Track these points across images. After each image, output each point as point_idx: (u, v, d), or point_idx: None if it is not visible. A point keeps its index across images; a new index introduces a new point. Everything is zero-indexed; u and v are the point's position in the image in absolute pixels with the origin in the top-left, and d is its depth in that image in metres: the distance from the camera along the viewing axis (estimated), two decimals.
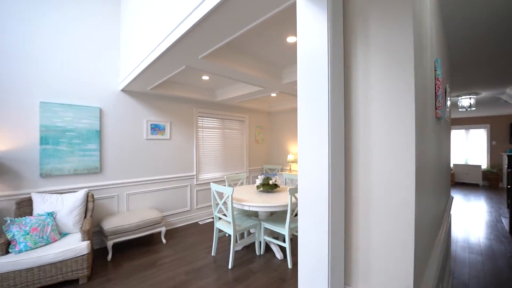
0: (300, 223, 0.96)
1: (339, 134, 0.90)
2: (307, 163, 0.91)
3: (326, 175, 0.84)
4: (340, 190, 0.91)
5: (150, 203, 3.83)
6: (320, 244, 0.87)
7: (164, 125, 3.95)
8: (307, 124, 0.91)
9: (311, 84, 0.90)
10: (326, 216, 0.85)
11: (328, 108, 0.85)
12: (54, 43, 2.95)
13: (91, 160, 3.19)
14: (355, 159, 0.93)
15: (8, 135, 2.69)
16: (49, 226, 2.54)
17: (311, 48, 0.90)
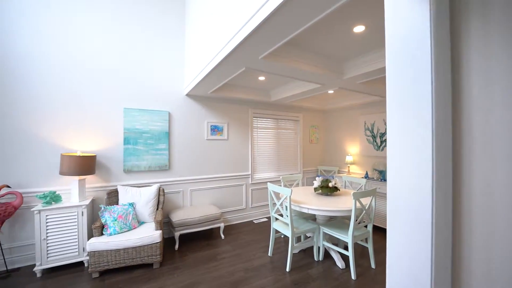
0: (389, 236, 0.83)
1: (444, 130, 0.74)
2: (400, 164, 0.78)
3: (429, 179, 0.70)
4: (446, 198, 0.74)
5: (210, 200, 4.07)
6: (419, 264, 0.72)
7: (222, 126, 4.15)
8: (402, 120, 0.78)
9: (405, 73, 0.76)
10: (427, 230, 0.70)
11: (431, 100, 0.70)
12: (132, 56, 3.41)
13: (161, 159, 3.58)
14: (467, 160, 0.74)
15: (102, 137, 3.23)
16: (130, 214, 2.94)
17: (407, 29, 0.76)
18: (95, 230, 2.67)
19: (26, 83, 2.84)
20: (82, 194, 2.90)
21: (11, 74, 2.78)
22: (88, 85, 3.15)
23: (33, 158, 2.88)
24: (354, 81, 3.14)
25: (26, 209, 2.81)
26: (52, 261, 2.66)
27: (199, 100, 3.95)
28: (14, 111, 2.80)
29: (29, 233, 2.86)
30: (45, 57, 2.92)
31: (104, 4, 3.22)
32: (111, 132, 3.28)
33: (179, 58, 3.75)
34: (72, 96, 3.06)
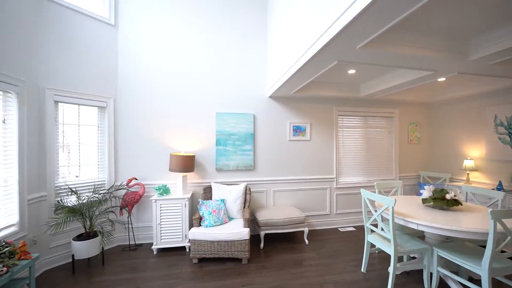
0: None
1: None
2: None
3: None
4: None
5: (292, 202, 3.99)
6: None
7: (304, 126, 4.01)
8: None
9: None
10: None
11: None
12: (221, 64, 3.72)
13: (247, 159, 3.75)
14: None
15: (200, 139, 3.66)
16: (222, 210, 3.20)
17: None
18: (194, 221, 3.03)
19: (148, 97, 3.53)
20: (185, 188, 3.36)
21: (138, 92, 3.51)
22: (189, 94, 3.63)
23: (151, 157, 3.54)
24: (485, 62, 2.38)
25: (146, 198, 3.49)
26: (164, 242, 3.19)
27: (281, 101, 3.94)
28: (139, 120, 3.52)
29: (148, 217, 3.53)
30: (155, 73, 3.56)
31: (200, 24, 3.65)
32: (206, 134, 3.68)
33: (261, 62, 3.85)
34: (177, 104, 3.60)
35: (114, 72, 3.42)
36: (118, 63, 3.45)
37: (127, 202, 3.23)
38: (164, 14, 3.56)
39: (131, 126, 3.50)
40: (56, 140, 2.91)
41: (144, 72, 3.53)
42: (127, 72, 3.48)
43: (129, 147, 3.49)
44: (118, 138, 3.46)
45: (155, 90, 3.55)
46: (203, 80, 3.67)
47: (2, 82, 2.30)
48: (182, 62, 3.62)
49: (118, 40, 3.45)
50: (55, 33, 2.84)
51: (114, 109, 3.41)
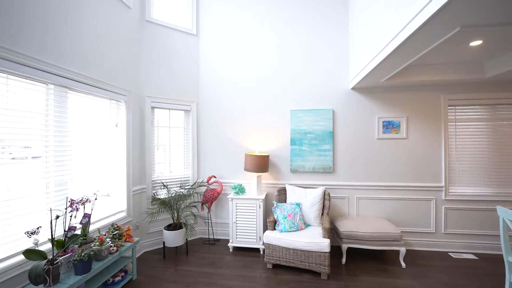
0: None
1: None
2: None
3: None
4: None
5: (381, 213, 3.32)
6: None
7: (398, 122, 3.27)
8: None
9: None
10: None
11: None
12: (295, 58, 3.46)
13: (325, 160, 3.36)
14: None
15: (273, 138, 3.53)
16: (298, 215, 2.94)
17: None
18: (269, 224, 2.89)
19: (224, 99, 3.67)
20: (259, 189, 3.29)
21: (216, 95, 3.69)
22: (262, 93, 3.56)
23: (228, 156, 3.65)
24: None
25: (223, 195, 3.61)
26: (239, 241, 3.20)
27: (367, 92, 3.35)
28: (218, 122, 3.69)
29: (225, 214, 3.65)
30: (231, 75, 3.63)
31: (273, 18, 3.52)
32: (280, 133, 3.51)
33: (341, 50, 3.37)
34: (251, 104, 3.59)
35: (196, 78, 3.70)
36: (200, 69, 3.72)
37: (207, 198, 3.42)
38: (238, 16, 3.61)
39: (210, 127, 3.71)
40: (153, 141, 3.36)
41: (221, 75, 3.67)
42: (207, 77, 3.71)
43: (209, 147, 3.71)
44: (200, 138, 3.73)
45: (231, 92, 3.65)
46: (276, 77, 3.52)
47: (115, 93, 2.78)
48: (255, 62, 3.58)
49: (199, 48, 3.72)
50: (151, 48, 3.28)
51: (197, 112, 3.70)
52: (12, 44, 1.71)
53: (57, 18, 2.05)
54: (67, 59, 2.16)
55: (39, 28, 1.90)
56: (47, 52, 1.97)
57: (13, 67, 1.73)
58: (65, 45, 2.13)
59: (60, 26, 2.08)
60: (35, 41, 1.87)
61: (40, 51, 1.91)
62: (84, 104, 2.44)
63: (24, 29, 1.79)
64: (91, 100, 2.53)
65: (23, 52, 1.78)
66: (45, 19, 1.94)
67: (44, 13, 1.94)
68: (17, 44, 1.74)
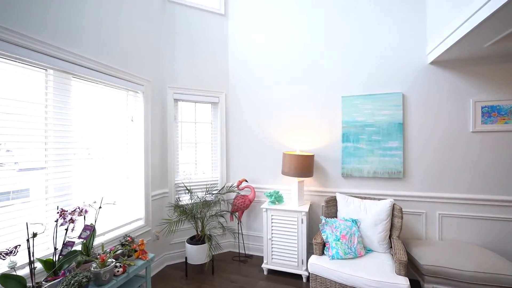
0: None
1: None
2: None
3: None
4: None
5: (476, 237, 2.32)
6: None
7: (509, 106, 2.23)
8: None
9: None
10: None
11: None
12: (349, 30, 2.67)
13: (392, 162, 2.50)
14: None
15: (319, 134, 2.79)
16: (355, 236, 2.16)
17: None
18: (316, 246, 2.17)
19: (258, 89, 3.06)
20: (301, 198, 2.59)
21: (248, 84, 3.10)
22: (303, 78, 2.85)
23: (262, 156, 3.03)
24: None
25: (257, 203, 2.99)
26: (275, 263, 2.54)
27: (454, 66, 2.38)
28: (249, 115, 3.10)
29: (259, 226, 3.03)
30: (265, 60, 3.00)
31: None
32: (328, 127, 2.75)
33: (415, 12, 2.46)
34: (289, 93, 2.91)
35: (225, 65, 3.17)
36: (229, 55, 3.18)
37: (237, 206, 2.85)
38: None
39: (241, 122, 3.14)
40: (176, 138, 2.93)
41: (254, 61, 3.07)
42: (237, 63, 3.15)
43: (239, 145, 3.14)
44: (229, 135, 3.19)
45: (265, 80, 3.02)
46: (321, 56, 2.77)
47: (130, 82, 2.39)
48: (294, 40, 2.89)
49: (228, 30, 3.19)
50: (174, 31, 2.84)
51: (225, 104, 3.16)
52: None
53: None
54: (69, 40, 1.79)
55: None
56: (43, 30, 1.60)
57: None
58: (65, 23, 1.76)
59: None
60: (32, 19, 1.51)
61: (35, 28, 1.55)
62: (93, 95, 2.07)
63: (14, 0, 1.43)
64: (102, 90, 2.15)
65: (13, 28, 1.42)
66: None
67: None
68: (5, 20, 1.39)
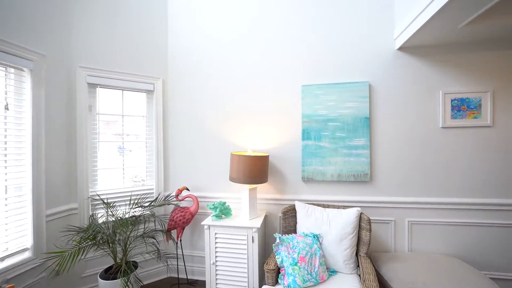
0: None
1: None
2: None
3: None
4: None
5: (448, 246, 2.08)
6: None
7: (478, 99, 2.01)
8: None
9: None
10: None
11: None
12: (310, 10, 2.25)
13: (358, 163, 2.13)
14: None
15: (274, 130, 2.32)
16: (316, 257, 1.73)
17: None
18: (268, 274, 1.69)
19: (204, 75, 2.49)
20: (253, 209, 2.09)
21: (192, 68, 2.51)
22: (258, 62, 2.36)
23: (208, 158, 2.46)
24: None
25: (203, 216, 2.41)
26: None
27: (424, 54, 2.10)
28: (193, 107, 2.51)
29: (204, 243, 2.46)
30: (213, 41, 2.45)
31: None
32: (285, 122, 2.30)
33: None
34: (242, 81, 2.39)
35: (163, 43, 2.54)
36: (169, 31, 2.56)
37: (175, 222, 2.24)
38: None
39: (183, 116, 2.53)
40: (93, 136, 2.22)
41: (200, 40, 2.49)
42: (180, 42, 2.54)
43: (181, 145, 2.53)
44: (168, 132, 2.56)
45: (213, 64, 2.46)
46: (279, 40, 2.32)
47: (5, 53, 1.64)
48: (249, 19, 2.38)
49: (168, 2, 2.56)
50: None
51: (163, 93, 2.53)
52: None
53: None
54: None
55: None
56: None
57: None
58: None
59: None
60: None
61: None
62: None
63: None
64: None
65: None
66: None
67: None
68: None
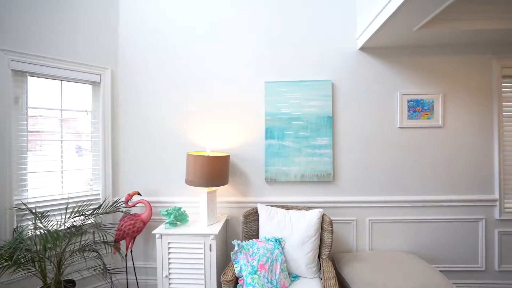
0: None
1: None
2: None
3: None
4: None
5: (405, 242, 2.14)
6: None
7: (431, 101, 2.10)
8: None
9: None
10: None
11: None
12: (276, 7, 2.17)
13: (321, 162, 2.09)
14: None
15: (238, 128, 2.19)
16: (278, 263, 1.63)
17: None
18: (225, 285, 1.54)
19: (159, 67, 2.25)
20: (212, 214, 1.92)
21: (146, 58, 2.26)
22: (218, 56, 2.21)
23: (163, 159, 2.23)
24: None
25: (158, 223, 2.18)
26: None
27: (384, 55, 2.14)
28: (146, 102, 2.26)
29: None
30: (170, 28, 2.24)
31: None
32: (248, 120, 2.18)
33: None
34: (200, 74, 2.22)
35: (112, 27, 2.25)
36: (120, 19, 2.28)
37: (124, 232, 1.98)
38: None
39: (134, 111, 2.27)
40: (20, 134, 1.86)
41: (156, 28, 2.26)
42: (132, 30, 2.27)
43: (132, 144, 2.27)
44: (118, 130, 2.27)
45: (170, 56, 2.25)
46: (242, 34, 2.20)
47: None
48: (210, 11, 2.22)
49: None
50: None
51: (111, 86, 2.24)
52: None
53: None
54: None
55: None
56: None
57: None
58: None
59: None
60: None
61: None
62: None
63: None
64: None
65: None
66: None
67: None
68: None
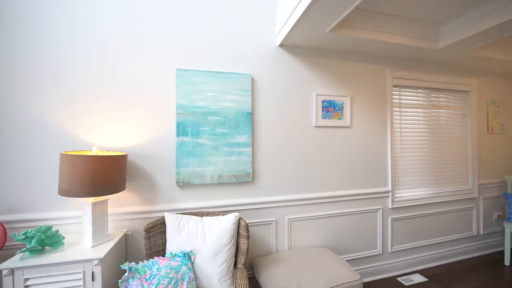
0: None
1: None
2: None
3: None
4: None
5: (318, 237, 2.22)
6: None
7: (341, 103, 2.25)
8: None
9: None
10: None
11: None
12: None
13: (240, 162, 1.94)
14: None
15: (140, 122, 1.80)
16: (184, 282, 1.36)
17: None
18: None
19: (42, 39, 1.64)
20: (100, 232, 1.48)
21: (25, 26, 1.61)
22: (117, 33, 1.78)
23: (26, 160, 1.63)
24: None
25: (16, 249, 1.56)
26: None
27: (302, 54, 2.16)
28: (13, 83, 1.62)
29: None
30: None
31: None
32: (155, 112, 1.82)
33: None
34: (96, 54, 1.73)
35: None
36: None
37: None
38: None
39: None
40: None
41: None
42: None
43: None
44: None
45: (52, 24, 1.67)
46: (156, 18, 1.83)
47: None
48: None
49: None
50: None
51: None
52: None
53: None
54: None
55: None
56: None
57: None
58: None
59: None
60: None
61: None
62: None
63: None
64: None
65: None
66: None
67: None
68: None
